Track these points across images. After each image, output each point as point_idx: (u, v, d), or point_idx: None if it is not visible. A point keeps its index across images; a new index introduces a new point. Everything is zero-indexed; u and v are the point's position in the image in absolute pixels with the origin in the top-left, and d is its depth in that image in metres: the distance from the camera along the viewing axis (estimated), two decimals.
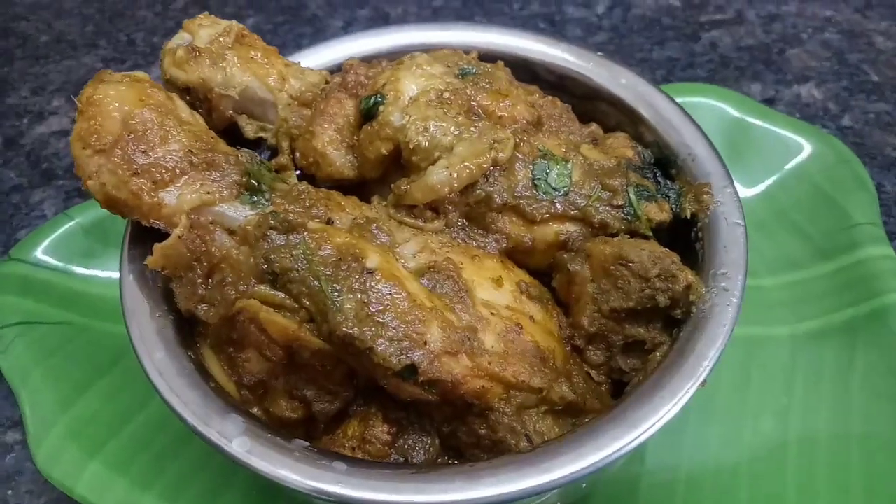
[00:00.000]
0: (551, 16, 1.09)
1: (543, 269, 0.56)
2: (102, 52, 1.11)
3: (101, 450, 0.65)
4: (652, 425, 0.43)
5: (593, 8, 1.09)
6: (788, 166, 0.80)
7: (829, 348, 0.69)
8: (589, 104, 0.65)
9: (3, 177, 0.96)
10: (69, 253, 0.79)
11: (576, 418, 0.50)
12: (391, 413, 0.51)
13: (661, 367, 0.47)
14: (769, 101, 0.94)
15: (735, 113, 0.84)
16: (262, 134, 0.60)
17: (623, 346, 0.53)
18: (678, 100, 0.72)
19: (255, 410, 0.52)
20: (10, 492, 0.69)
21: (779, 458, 0.63)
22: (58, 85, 1.07)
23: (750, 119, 0.83)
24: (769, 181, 0.79)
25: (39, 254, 0.78)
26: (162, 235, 0.52)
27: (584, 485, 0.55)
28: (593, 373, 0.53)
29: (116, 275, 0.77)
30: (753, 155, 0.81)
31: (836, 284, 0.72)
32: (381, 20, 1.12)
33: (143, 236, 0.55)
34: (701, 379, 0.45)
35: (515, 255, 0.55)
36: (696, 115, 0.61)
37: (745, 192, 0.79)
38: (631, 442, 0.43)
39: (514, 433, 0.48)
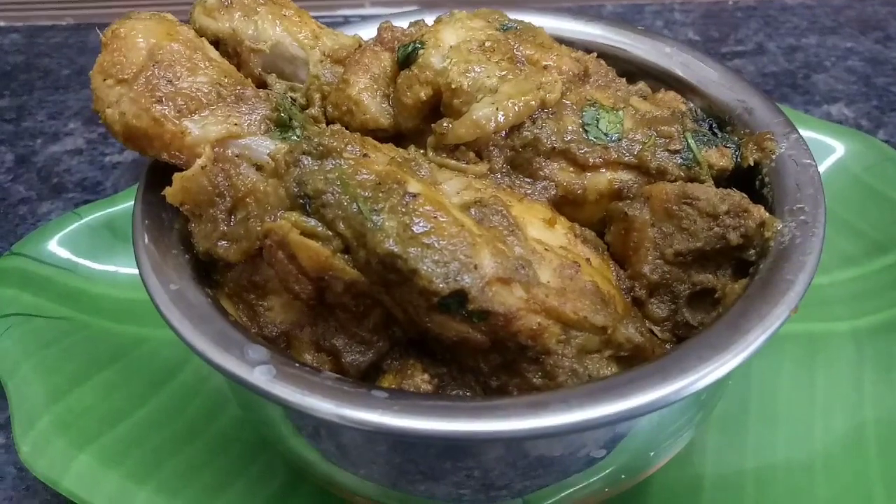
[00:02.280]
0: None
1: (594, 226, 0.51)
2: None
3: (93, 443, 0.58)
4: (742, 350, 0.37)
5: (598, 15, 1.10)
6: (827, 163, 0.76)
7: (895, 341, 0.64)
8: (628, 78, 0.62)
9: (13, 191, 0.92)
10: (74, 250, 0.75)
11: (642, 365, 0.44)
12: (431, 368, 0.45)
13: (744, 297, 0.41)
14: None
15: None
16: (291, 94, 0.57)
17: (689, 297, 0.47)
18: None
19: None
20: None
21: (858, 454, 0.57)
22: (75, 110, 1.06)
23: None
24: None
25: (43, 249, 0.74)
26: None
27: (651, 452, 0.47)
28: (656, 329, 0.47)
29: (122, 270, 0.74)
30: None
31: None
32: None
33: (161, 181, 0.50)
34: (792, 305, 0.39)
35: (564, 207, 0.51)
36: None
37: None
38: (719, 366, 0.37)
39: (577, 377, 0.42)
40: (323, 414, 0.36)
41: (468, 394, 0.44)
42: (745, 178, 0.51)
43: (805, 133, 0.76)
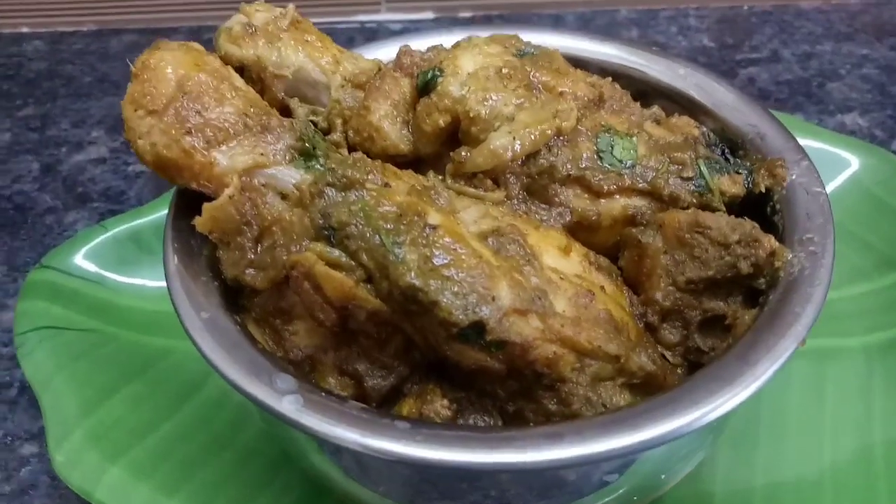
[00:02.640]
0: None
1: (608, 250, 0.53)
2: None
3: (124, 455, 0.60)
4: (751, 382, 0.39)
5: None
6: (839, 179, 0.77)
7: None
8: (641, 100, 0.63)
9: (39, 200, 0.95)
10: (102, 263, 0.77)
11: (655, 395, 0.46)
12: (449, 392, 0.47)
13: (753, 329, 0.43)
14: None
15: None
16: (313, 118, 0.58)
17: (700, 323, 0.49)
18: None
19: None
20: None
21: (866, 470, 0.58)
22: (98, 118, 1.08)
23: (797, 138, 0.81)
24: None
25: (72, 262, 0.76)
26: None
27: (662, 475, 0.49)
28: (668, 354, 0.49)
29: (148, 283, 0.77)
30: None
31: None
32: None
33: (189, 208, 0.52)
34: (800, 338, 0.41)
35: (579, 232, 0.52)
36: None
37: None
38: (730, 399, 0.38)
39: (590, 405, 0.43)
40: (348, 444, 0.38)
41: (486, 418, 0.46)
42: (757, 203, 0.53)
43: (820, 146, 0.79)
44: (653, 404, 0.39)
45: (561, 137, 0.52)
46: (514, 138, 0.50)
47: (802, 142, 0.78)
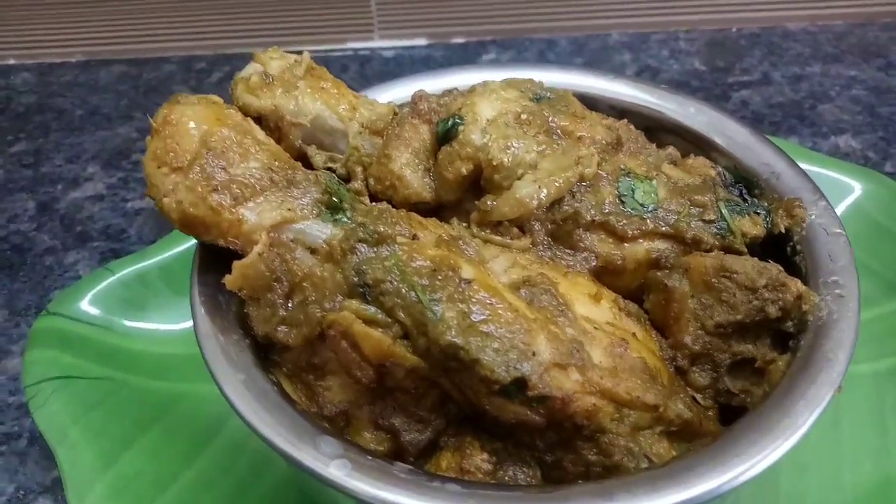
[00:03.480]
0: None
1: (632, 293, 0.53)
2: (138, 122, 1.12)
3: None
4: (793, 433, 0.39)
5: (621, 73, 1.12)
6: (842, 206, 0.79)
7: None
8: (651, 137, 0.64)
9: (37, 240, 0.93)
10: (108, 307, 0.76)
11: (691, 442, 0.46)
12: (487, 444, 0.47)
13: (788, 376, 0.43)
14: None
15: None
16: (330, 164, 0.58)
17: (730, 366, 0.49)
18: None
19: None
20: None
21: (887, 499, 0.59)
22: (92, 153, 1.06)
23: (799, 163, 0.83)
24: None
25: (79, 307, 0.75)
26: (233, 258, 0.49)
27: None
28: (699, 396, 0.50)
29: (157, 328, 0.76)
30: None
31: None
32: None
33: (213, 264, 0.52)
34: (836, 385, 0.42)
35: (603, 276, 0.53)
36: None
37: None
38: (774, 451, 0.39)
39: (632, 455, 0.44)
40: None
41: (525, 469, 0.46)
42: (776, 243, 0.54)
43: (820, 171, 0.80)
44: (698, 458, 0.39)
45: (584, 183, 0.52)
46: (539, 187, 0.50)
47: (804, 167, 0.82)
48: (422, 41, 1.22)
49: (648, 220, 0.52)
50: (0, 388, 0.77)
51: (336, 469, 0.39)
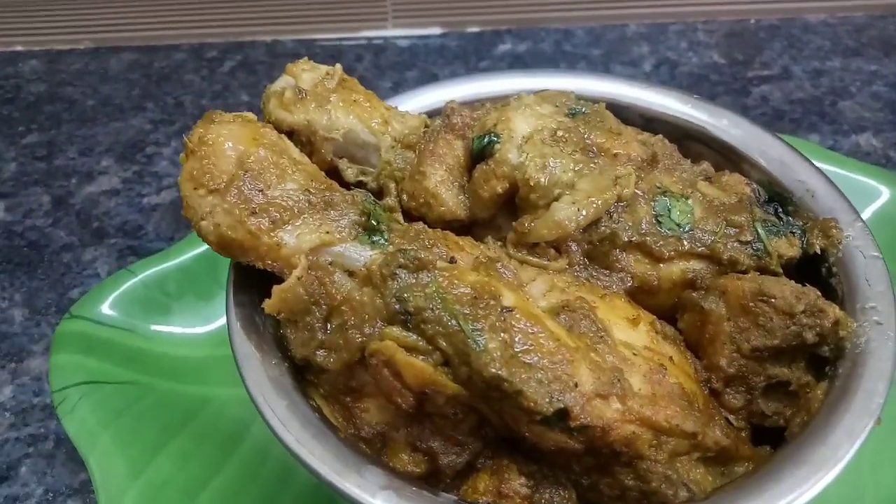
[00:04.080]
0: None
1: (666, 311, 0.53)
2: (150, 114, 1.11)
3: None
4: (833, 466, 0.40)
5: (640, 66, 1.11)
6: (868, 212, 0.78)
7: None
8: (681, 147, 0.64)
9: (53, 236, 0.93)
10: (132, 310, 0.76)
11: (726, 466, 0.47)
12: (522, 466, 0.47)
13: (826, 405, 0.44)
14: (830, 151, 0.94)
15: None
16: (362, 178, 0.58)
17: (764, 389, 0.49)
18: None
19: None
20: None
21: None
22: (106, 146, 1.06)
23: (820, 165, 0.82)
24: None
25: (102, 310, 0.75)
26: (267, 279, 0.49)
27: None
28: (732, 418, 0.50)
29: (182, 330, 0.76)
30: None
31: None
32: (430, 81, 1.13)
33: (247, 282, 0.52)
34: (876, 416, 0.42)
35: (638, 295, 0.53)
36: None
37: None
38: (815, 485, 0.39)
39: (669, 483, 0.44)
40: None
41: (562, 492, 0.46)
42: (811, 263, 0.53)
43: (849, 175, 0.80)
44: (739, 492, 0.40)
45: (621, 203, 0.52)
46: (578, 209, 0.50)
47: (828, 169, 0.82)
48: (436, 30, 1.20)
49: (685, 241, 0.52)
50: (24, 389, 0.77)
51: (382, 501, 0.40)
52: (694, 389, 0.48)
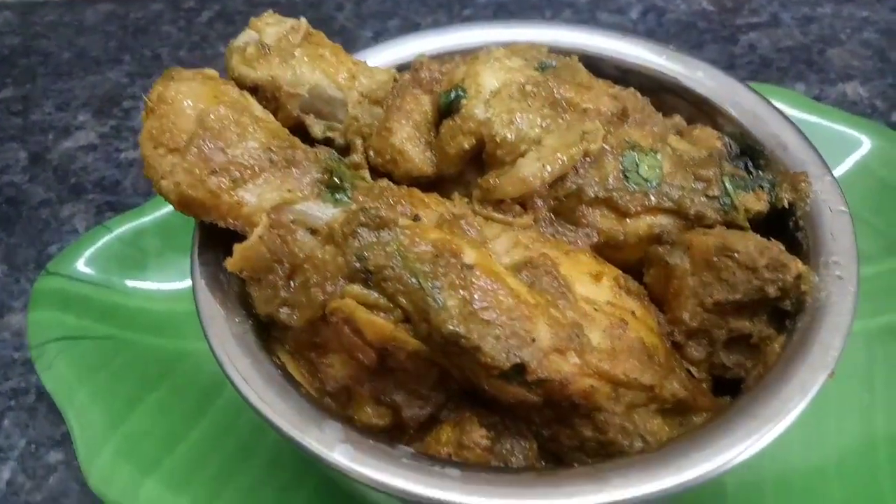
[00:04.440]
0: (584, 23, 1.08)
1: (632, 265, 0.54)
2: (127, 67, 1.09)
3: (156, 469, 0.61)
4: (784, 418, 0.41)
5: (627, 14, 1.08)
6: (849, 162, 0.78)
7: None
8: (655, 99, 0.63)
9: (31, 192, 0.92)
10: (108, 265, 0.76)
11: (684, 417, 0.48)
12: (484, 418, 0.48)
13: (783, 359, 0.44)
14: (815, 100, 0.93)
15: (787, 109, 0.81)
16: (329, 134, 0.57)
17: (726, 341, 0.50)
18: None
19: None
20: None
21: (869, 457, 0.61)
22: (83, 100, 1.04)
23: (803, 115, 0.82)
24: None
25: (78, 267, 0.75)
26: (233, 238, 0.49)
27: None
28: (693, 370, 0.51)
29: (156, 286, 0.76)
30: None
31: None
32: (412, 30, 1.10)
33: (212, 241, 0.52)
34: (830, 369, 0.43)
35: (604, 250, 0.53)
36: None
37: None
38: (765, 436, 0.40)
39: (626, 433, 0.45)
40: (401, 494, 0.39)
41: (523, 443, 0.47)
42: (779, 216, 0.53)
43: (831, 125, 0.79)
44: (691, 443, 0.41)
45: (587, 158, 0.51)
46: (543, 165, 0.50)
47: (810, 119, 0.81)
48: None
49: (652, 196, 0.52)
50: (4, 344, 0.78)
51: (340, 455, 0.40)
52: (655, 343, 0.48)
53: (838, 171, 0.78)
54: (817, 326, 0.45)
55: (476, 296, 0.43)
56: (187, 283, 0.76)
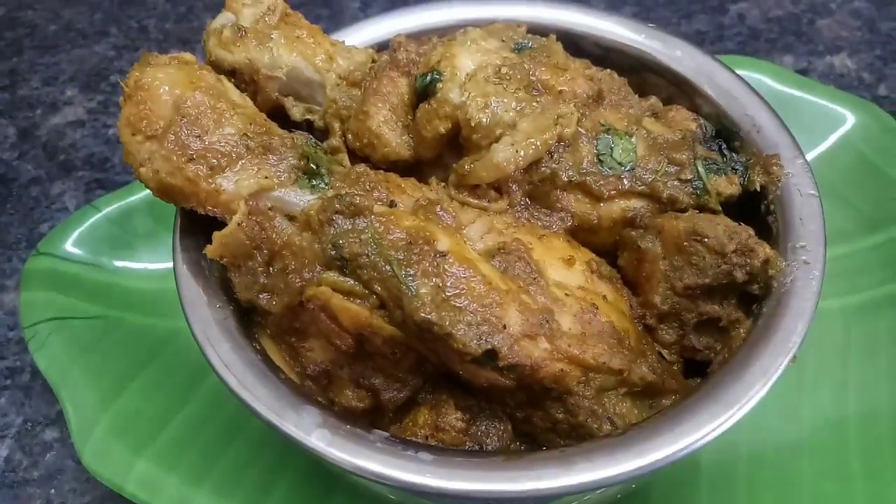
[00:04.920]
0: None
1: (607, 248, 0.55)
2: (114, 39, 1.08)
3: (148, 447, 0.63)
4: (745, 403, 0.42)
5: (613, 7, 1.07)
6: (833, 138, 0.78)
7: (882, 320, 0.68)
8: (636, 77, 0.63)
9: (21, 169, 0.93)
10: (97, 245, 0.77)
11: (653, 399, 0.49)
12: (461, 400, 0.49)
13: (747, 343, 0.45)
14: (802, 73, 0.93)
15: (773, 84, 0.82)
16: (308, 116, 0.58)
17: (696, 324, 0.51)
18: None
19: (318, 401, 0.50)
20: (52, 490, 0.68)
21: (841, 433, 0.62)
22: (70, 74, 1.04)
23: (789, 90, 0.82)
24: (813, 155, 0.77)
25: (68, 247, 0.76)
26: (214, 223, 0.50)
27: None
28: (665, 352, 0.52)
29: (146, 266, 0.77)
30: (794, 127, 0.79)
31: (887, 255, 0.71)
32: (399, 2, 1.09)
33: (194, 226, 0.53)
34: (791, 354, 0.44)
35: (579, 233, 0.53)
36: None
37: None
38: (726, 421, 0.41)
39: (595, 416, 0.46)
40: (375, 477, 0.41)
41: (497, 424, 0.49)
42: (752, 198, 0.54)
43: (816, 100, 0.79)
44: (654, 428, 0.42)
45: (562, 143, 0.52)
46: (517, 150, 0.50)
47: (795, 94, 0.81)
48: None
49: (625, 180, 0.52)
50: None
51: (317, 439, 0.42)
52: (626, 327, 0.49)
53: (821, 147, 0.78)
54: (781, 312, 0.46)
55: (448, 283, 0.44)
56: None
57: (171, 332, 0.72)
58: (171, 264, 0.76)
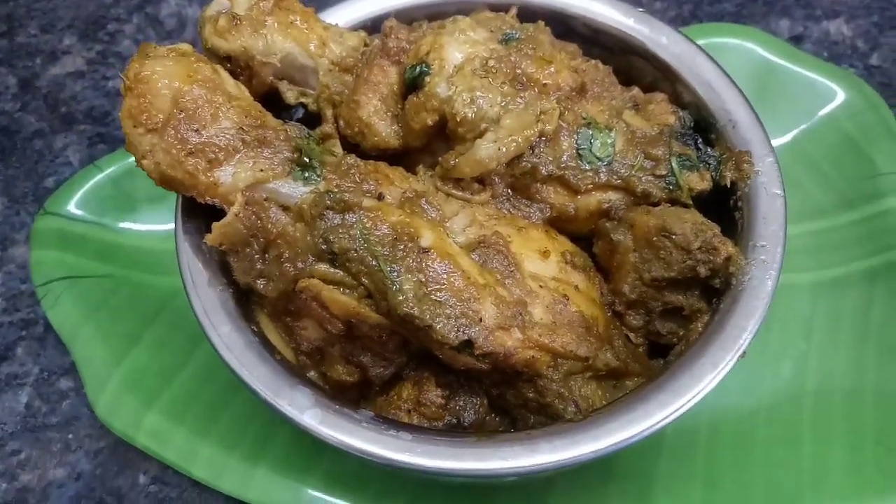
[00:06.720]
0: None
1: (584, 234, 0.58)
2: None
3: (157, 400, 0.68)
4: (696, 394, 0.46)
5: None
6: (821, 114, 0.79)
7: (848, 297, 0.72)
8: (624, 60, 0.64)
9: (23, 121, 0.95)
10: (101, 205, 0.80)
11: (617, 381, 0.54)
12: (442, 377, 0.54)
13: (703, 337, 0.49)
14: (797, 38, 0.93)
15: (764, 54, 0.83)
16: (302, 100, 0.60)
17: (661, 312, 0.55)
18: (703, 41, 0.72)
19: (312, 374, 0.55)
20: (70, 435, 0.74)
21: (796, 404, 0.67)
22: (67, 21, 1.04)
23: (779, 61, 0.82)
24: (799, 129, 0.79)
25: (72, 207, 0.79)
26: (214, 208, 0.53)
27: None
28: (632, 335, 0.56)
29: (149, 227, 0.81)
30: (782, 100, 0.81)
31: (860, 233, 0.74)
32: None
33: (195, 209, 0.56)
34: (741, 350, 0.48)
35: (557, 222, 0.57)
36: (724, 58, 0.62)
37: (773, 140, 0.79)
38: (677, 410, 0.46)
39: (561, 398, 0.51)
40: (360, 453, 0.46)
41: (474, 399, 0.54)
42: (724, 192, 0.57)
43: (808, 74, 0.80)
44: (611, 415, 0.47)
45: (543, 138, 0.54)
46: (499, 147, 0.53)
47: (785, 65, 0.82)
48: None
49: (602, 174, 0.55)
50: (11, 276, 0.83)
51: (309, 418, 0.47)
52: (596, 314, 0.53)
53: (808, 122, 0.80)
54: (735, 309, 0.50)
55: (430, 278, 0.48)
56: None
57: (175, 289, 0.75)
58: (171, 225, 0.80)
